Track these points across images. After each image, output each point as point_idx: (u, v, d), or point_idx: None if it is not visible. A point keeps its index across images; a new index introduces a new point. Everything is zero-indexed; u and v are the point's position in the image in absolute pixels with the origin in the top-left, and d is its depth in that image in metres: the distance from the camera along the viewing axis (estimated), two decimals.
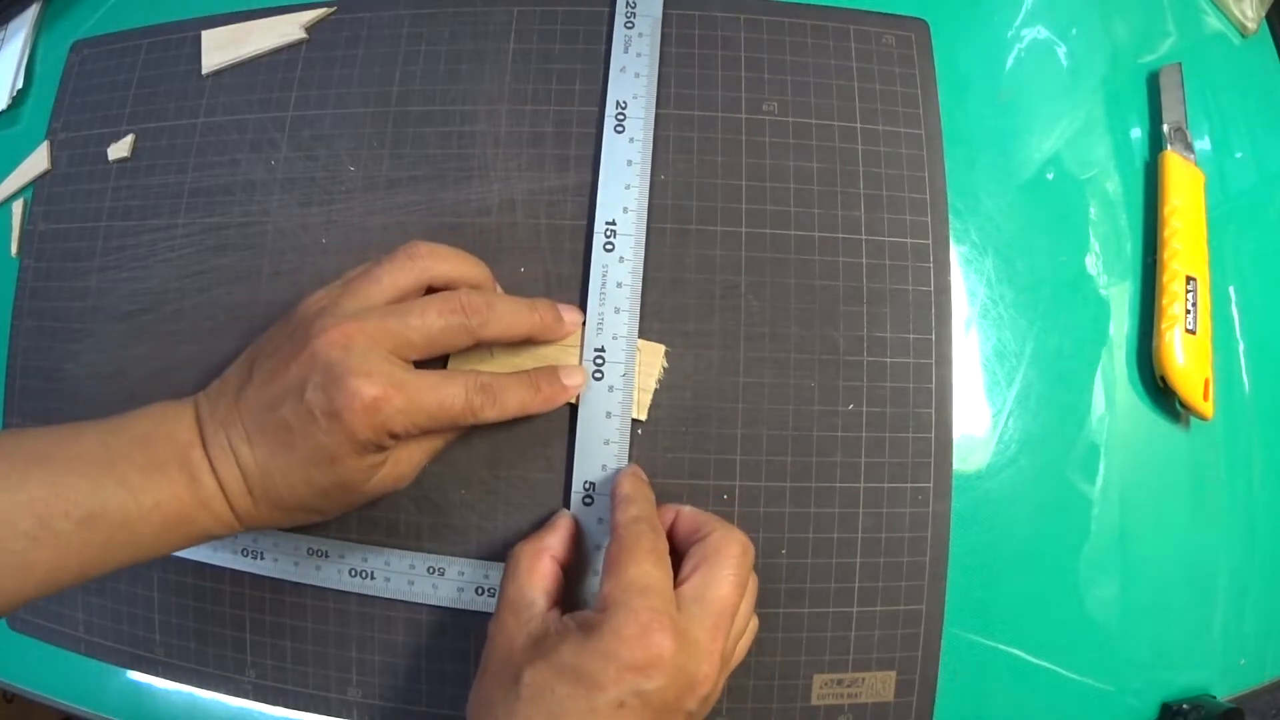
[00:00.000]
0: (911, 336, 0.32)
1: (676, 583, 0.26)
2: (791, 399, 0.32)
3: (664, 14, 0.35)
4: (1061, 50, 0.36)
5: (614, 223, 0.32)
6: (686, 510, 0.29)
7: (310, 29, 0.36)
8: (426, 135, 0.34)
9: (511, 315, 0.28)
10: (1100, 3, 0.37)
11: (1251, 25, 0.37)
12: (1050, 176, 0.35)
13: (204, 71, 0.36)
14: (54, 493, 0.24)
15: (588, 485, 0.31)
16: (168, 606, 0.34)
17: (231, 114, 0.36)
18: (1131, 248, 0.34)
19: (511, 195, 0.33)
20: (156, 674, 0.34)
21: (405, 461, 0.28)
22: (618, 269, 0.32)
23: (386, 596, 0.32)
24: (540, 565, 0.27)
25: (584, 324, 0.31)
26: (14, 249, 0.38)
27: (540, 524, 0.31)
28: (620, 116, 0.33)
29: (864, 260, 0.32)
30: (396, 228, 0.34)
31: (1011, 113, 0.35)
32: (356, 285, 0.28)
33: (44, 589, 0.24)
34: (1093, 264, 0.34)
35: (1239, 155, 0.36)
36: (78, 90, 0.39)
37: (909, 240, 0.33)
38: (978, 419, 0.32)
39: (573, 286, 0.32)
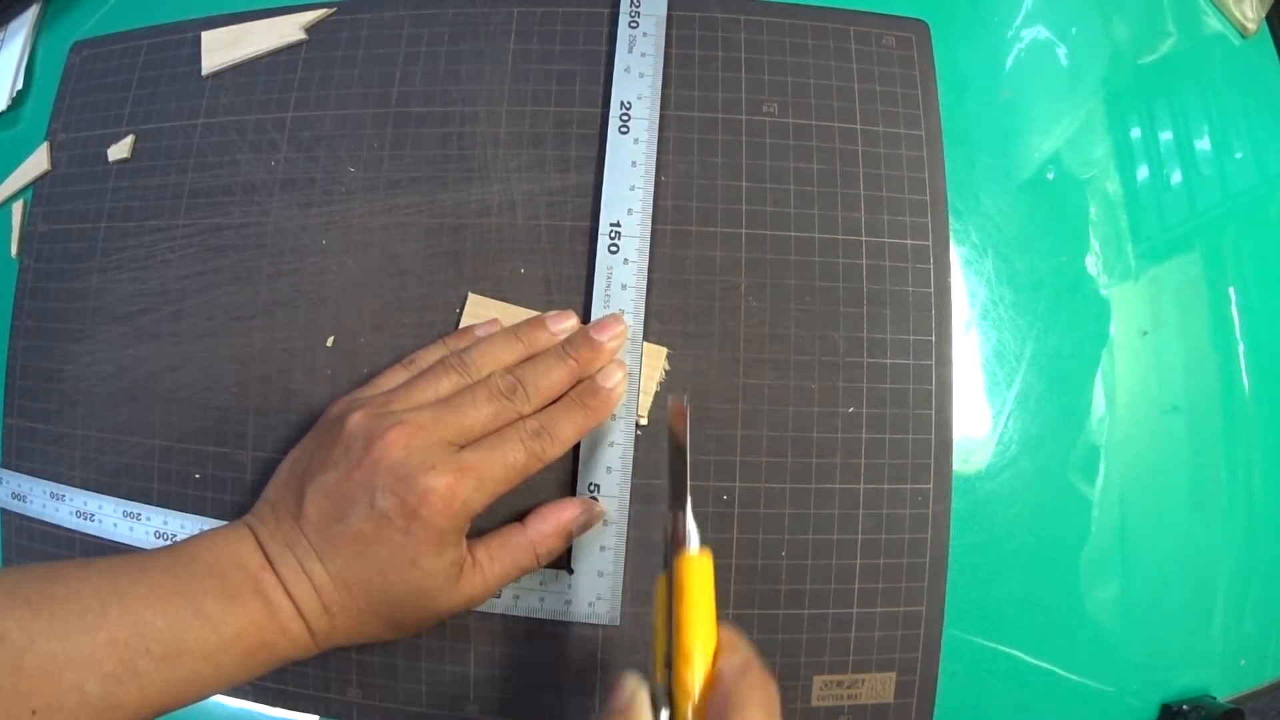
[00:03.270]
0: (911, 338, 0.32)
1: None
2: (791, 400, 0.32)
3: (663, 15, 0.34)
4: (1061, 50, 0.36)
5: (618, 224, 0.32)
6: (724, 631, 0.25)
7: (310, 29, 0.36)
8: (426, 135, 0.34)
9: (551, 373, 0.29)
10: (1100, 3, 0.37)
11: (1251, 25, 0.37)
12: (1050, 176, 0.35)
13: (204, 72, 0.36)
14: (133, 633, 0.23)
15: (592, 487, 0.31)
16: None
17: (231, 114, 0.36)
18: (1132, 248, 0.34)
19: (511, 196, 0.33)
20: None
21: (481, 583, 0.28)
22: (622, 271, 0.32)
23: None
24: None
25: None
26: (14, 249, 0.38)
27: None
28: (625, 117, 0.33)
29: (864, 261, 0.32)
30: (396, 228, 0.34)
31: (1011, 113, 0.35)
32: (401, 392, 0.28)
33: None
34: (1093, 264, 0.34)
35: (1239, 155, 0.36)
36: (78, 91, 0.39)
37: (909, 241, 0.33)
38: (978, 420, 0.32)
39: (574, 288, 0.32)
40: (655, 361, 0.31)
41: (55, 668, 0.22)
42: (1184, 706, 0.32)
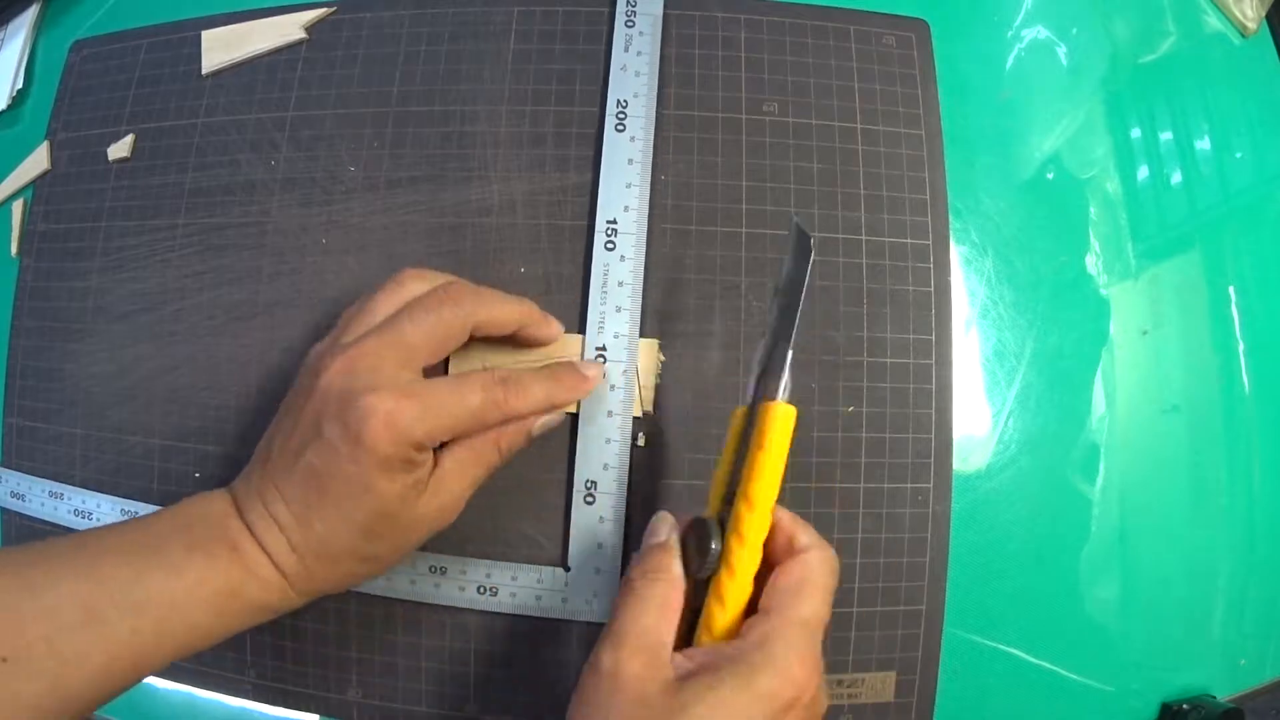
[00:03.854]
0: (911, 337, 0.32)
1: (768, 592, 0.24)
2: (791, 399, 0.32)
3: (664, 14, 0.34)
4: (1061, 50, 0.36)
5: (615, 221, 0.32)
6: (785, 516, 0.25)
7: (310, 29, 0.36)
8: (426, 135, 0.34)
9: (499, 300, 0.28)
10: (1100, 3, 0.37)
11: (1251, 25, 0.37)
12: (1050, 176, 0.35)
13: (204, 71, 0.36)
14: (96, 583, 0.23)
15: (589, 484, 0.31)
16: None
17: (231, 114, 0.36)
18: (1132, 248, 0.34)
19: (511, 195, 0.33)
20: (157, 674, 0.34)
21: (447, 490, 0.27)
22: (619, 267, 0.32)
23: (388, 596, 0.32)
24: (675, 598, 0.24)
25: (586, 323, 0.31)
26: (14, 249, 0.38)
27: (542, 516, 0.31)
28: (621, 115, 0.33)
29: (864, 261, 0.32)
30: (396, 228, 0.34)
31: (1011, 113, 0.35)
32: (350, 322, 0.28)
33: (103, 686, 0.23)
34: (1093, 264, 0.34)
35: (1239, 155, 0.36)
36: (78, 90, 0.39)
37: (909, 240, 0.33)
38: (978, 419, 0.32)
39: (574, 286, 0.32)
40: (649, 355, 0.31)
41: (20, 620, 0.22)
42: (1184, 706, 0.32)
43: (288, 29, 0.36)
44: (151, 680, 0.34)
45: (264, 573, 0.25)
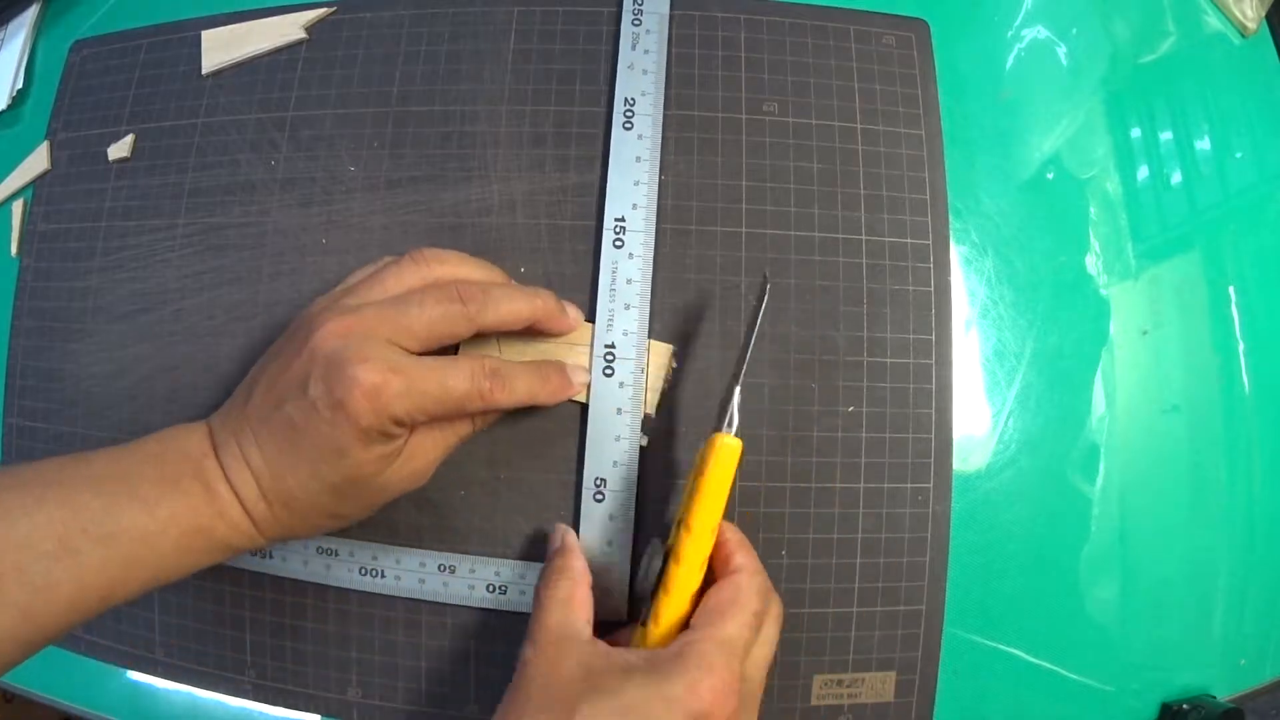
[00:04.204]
0: (911, 337, 0.32)
1: (699, 610, 0.26)
2: (792, 399, 0.32)
3: (664, 14, 0.34)
4: (1061, 50, 0.36)
5: (623, 219, 0.32)
6: (732, 538, 0.27)
7: (310, 29, 0.36)
8: (426, 135, 0.34)
9: (510, 301, 0.28)
10: (1100, 3, 0.37)
11: (1251, 25, 0.37)
12: (1050, 176, 0.35)
13: (204, 71, 0.36)
14: (70, 512, 0.24)
15: (599, 481, 0.31)
16: (167, 606, 0.34)
17: (231, 114, 0.36)
18: (1132, 248, 0.34)
19: (511, 195, 0.33)
20: (156, 674, 0.34)
21: (420, 457, 0.27)
22: (627, 265, 0.32)
23: (397, 595, 0.32)
24: (580, 593, 0.27)
25: (594, 322, 0.31)
26: (14, 249, 0.38)
27: (548, 515, 0.31)
28: (629, 113, 0.33)
29: (864, 260, 0.32)
30: (396, 228, 0.34)
31: (1011, 113, 0.35)
32: (359, 286, 0.28)
33: (71, 614, 0.24)
34: (1093, 264, 0.34)
35: (1239, 155, 0.36)
36: (78, 90, 0.39)
37: (909, 240, 0.33)
38: (978, 419, 0.32)
39: (574, 286, 0.32)
40: (661, 359, 0.31)
41: None
42: (1184, 706, 0.32)
43: (288, 29, 0.36)
44: (151, 680, 0.34)
45: (233, 514, 0.26)
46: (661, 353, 0.31)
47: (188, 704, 0.34)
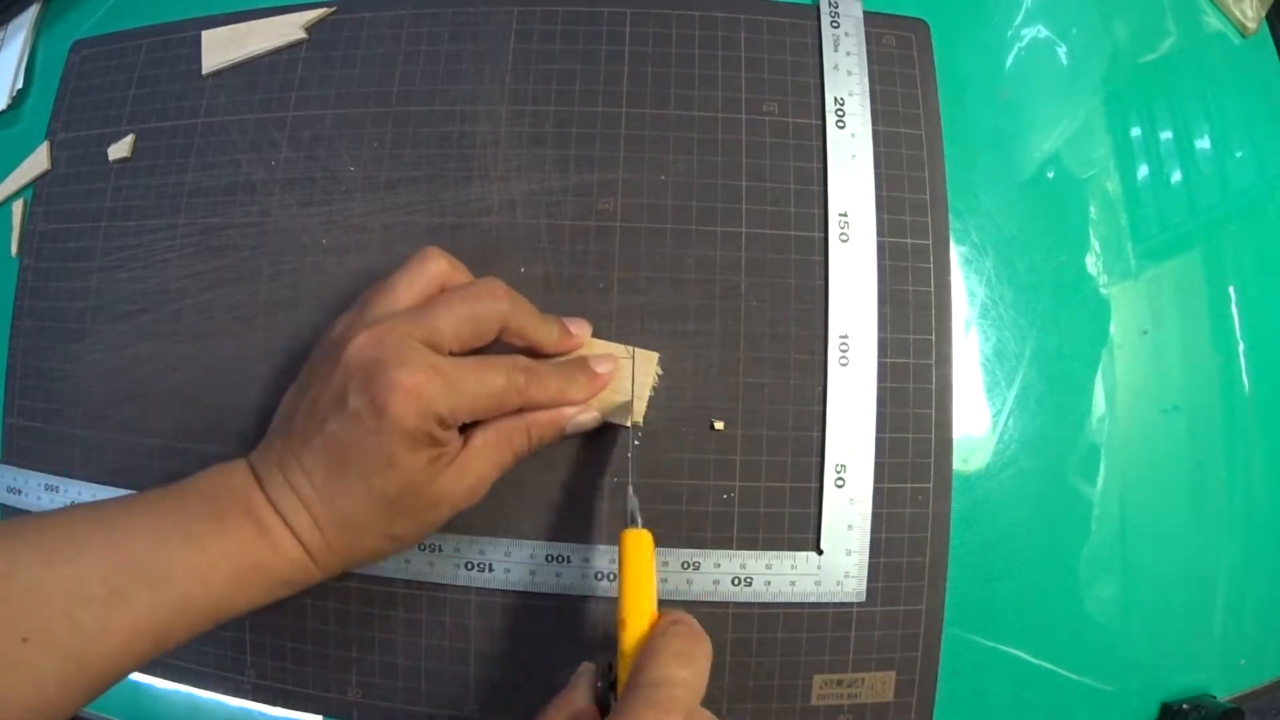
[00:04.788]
0: (911, 337, 0.32)
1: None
2: (792, 399, 0.32)
3: (664, 14, 0.35)
4: (1061, 50, 0.36)
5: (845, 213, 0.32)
6: (660, 623, 0.25)
7: (310, 29, 0.36)
8: (426, 135, 0.34)
9: (530, 311, 0.28)
10: (1100, 3, 0.37)
11: (1251, 25, 0.37)
12: (1050, 176, 0.35)
13: (204, 71, 0.36)
14: (121, 555, 0.23)
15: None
16: None
17: (231, 114, 0.36)
18: (1132, 248, 0.34)
19: (511, 195, 0.33)
20: (156, 674, 0.34)
21: (474, 471, 0.27)
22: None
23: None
24: None
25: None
26: (14, 249, 0.38)
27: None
28: (840, 112, 0.33)
29: None
30: (397, 227, 0.34)
31: (1011, 113, 0.35)
32: (374, 298, 0.28)
33: (125, 660, 0.23)
34: (1093, 264, 0.34)
35: (1239, 155, 0.36)
36: (78, 90, 0.39)
37: (909, 240, 0.33)
38: (978, 419, 0.32)
39: (573, 286, 0.32)
40: (647, 367, 0.31)
41: (41, 594, 0.22)
42: (1184, 706, 0.32)
43: (288, 29, 0.36)
44: (151, 680, 0.34)
45: (286, 547, 0.25)
46: (647, 360, 0.31)
47: (188, 704, 0.34)
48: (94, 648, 0.23)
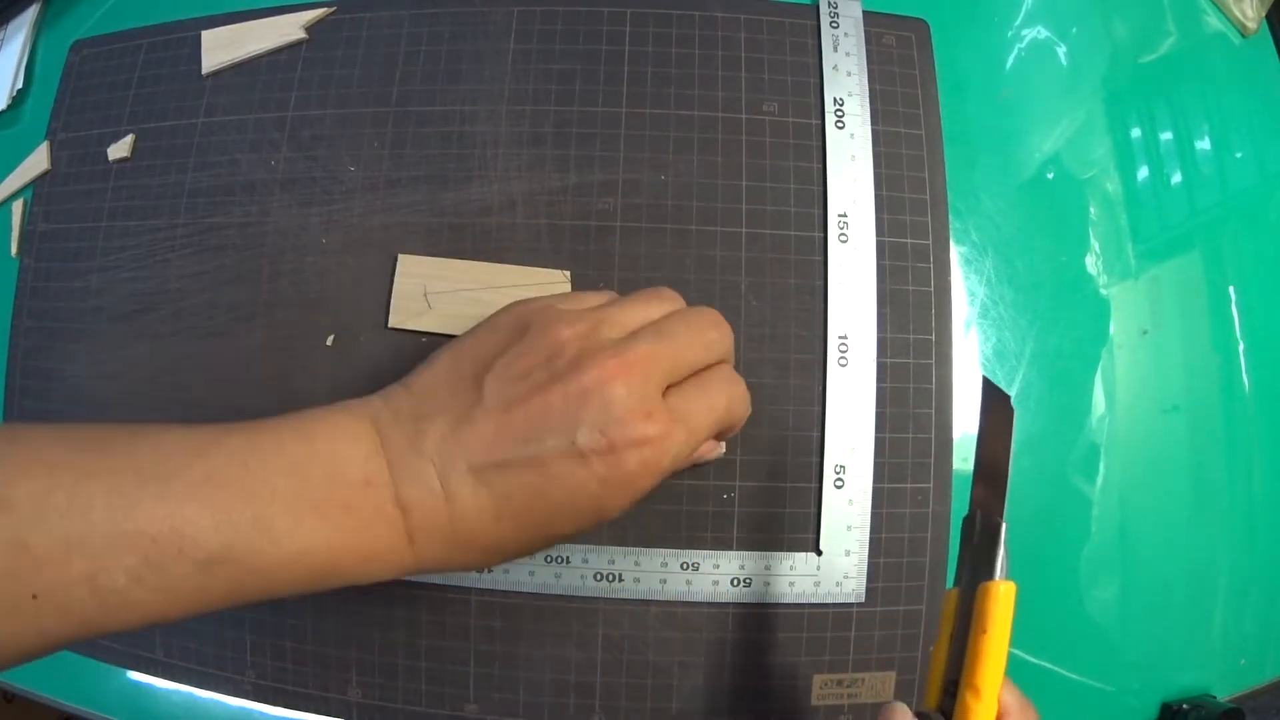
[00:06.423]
0: (911, 337, 0.32)
1: None
2: (792, 400, 0.32)
3: (664, 14, 0.35)
4: (1061, 50, 0.36)
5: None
6: (1011, 699, 0.22)
7: (310, 29, 0.36)
8: (426, 135, 0.34)
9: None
10: (1100, 3, 0.37)
11: (1251, 25, 0.37)
12: (1050, 176, 0.35)
13: (204, 71, 0.36)
14: (170, 526, 0.19)
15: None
16: None
17: (231, 114, 0.36)
18: (1132, 248, 0.34)
19: (511, 195, 0.33)
20: (156, 674, 0.34)
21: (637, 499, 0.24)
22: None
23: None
24: None
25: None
26: (14, 249, 0.38)
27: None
28: (839, 112, 0.33)
29: None
30: (397, 227, 0.34)
31: (1011, 113, 0.35)
32: (609, 312, 0.24)
33: (136, 626, 0.20)
34: (1093, 264, 0.34)
35: (1239, 155, 0.36)
36: (78, 90, 0.39)
37: (909, 240, 0.33)
38: (978, 419, 0.32)
39: (574, 285, 0.32)
40: None
41: (65, 551, 0.18)
42: (1184, 706, 0.32)
43: (288, 29, 0.36)
44: (151, 680, 0.34)
45: (386, 554, 0.21)
46: None
47: (188, 704, 0.34)
48: (113, 620, 0.19)
